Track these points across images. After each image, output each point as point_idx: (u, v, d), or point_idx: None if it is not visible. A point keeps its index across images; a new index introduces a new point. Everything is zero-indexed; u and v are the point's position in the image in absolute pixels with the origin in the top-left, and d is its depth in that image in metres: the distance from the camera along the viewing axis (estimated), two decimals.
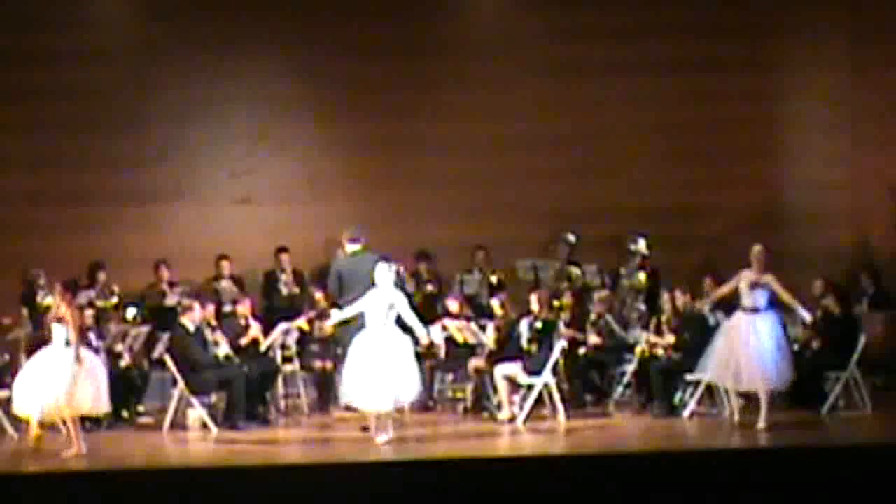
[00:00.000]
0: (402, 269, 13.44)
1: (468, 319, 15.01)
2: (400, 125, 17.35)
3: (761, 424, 13.01)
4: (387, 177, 17.38)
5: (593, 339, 15.01)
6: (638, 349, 14.61)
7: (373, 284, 13.16)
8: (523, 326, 14.31)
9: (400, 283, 13.51)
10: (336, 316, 13.53)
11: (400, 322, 13.13)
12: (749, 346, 13.11)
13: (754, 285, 13.20)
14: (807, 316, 13.49)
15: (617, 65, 17.43)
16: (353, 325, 13.32)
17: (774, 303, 13.33)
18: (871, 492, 10.92)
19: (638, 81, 17.45)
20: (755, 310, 13.22)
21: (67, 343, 12.52)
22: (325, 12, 17.27)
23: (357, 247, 14.29)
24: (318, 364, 15.20)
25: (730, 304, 13.86)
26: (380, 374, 12.75)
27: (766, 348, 13.09)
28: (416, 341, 15.11)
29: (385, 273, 13.13)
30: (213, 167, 17.46)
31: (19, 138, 17.02)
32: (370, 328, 13.03)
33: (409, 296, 16.08)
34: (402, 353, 12.94)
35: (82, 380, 12.52)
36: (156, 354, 14.53)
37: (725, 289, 13.55)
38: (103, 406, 12.87)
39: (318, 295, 15.54)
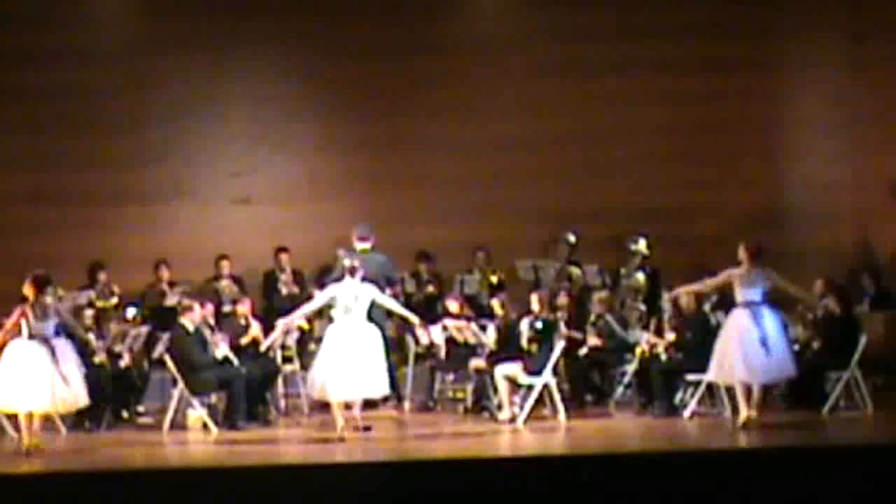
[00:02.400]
0: (353, 264, 13.30)
1: (468, 320, 14.99)
2: (400, 125, 17.36)
3: (742, 418, 13.03)
4: (387, 177, 17.38)
5: (593, 339, 14.99)
6: (638, 349, 14.59)
7: (375, 282, 13.22)
8: (524, 326, 14.30)
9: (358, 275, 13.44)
10: (298, 313, 13.67)
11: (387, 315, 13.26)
12: (736, 339, 13.08)
13: (750, 280, 13.18)
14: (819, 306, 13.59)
15: (617, 65, 17.42)
16: None
17: (769, 299, 13.32)
18: (871, 492, 10.92)
19: (638, 81, 17.44)
20: (749, 304, 13.20)
21: (30, 336, 12.57)
22: (326, 12, 17.28)
23: (365, 245, 14.36)
24: None
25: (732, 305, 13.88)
26: (342, 364, 12.80)
27: (753, 341, 13.04)
28: (415, 340, 15.19)
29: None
30: (213, 167, 17.46)
31: (19, 138, 17.03)
32: (336, 321, 13.08)
33: (407, 297, 16.15)
34: (367, 347, 12.95)
35: (68, 374, 12.56)
36: (156, 354, 14.51)
37: (703, 285, 13.60)
38: (82, 400, 12.86)
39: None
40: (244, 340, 14.63)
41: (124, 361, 14.48)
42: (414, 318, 13.80)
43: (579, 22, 17.36)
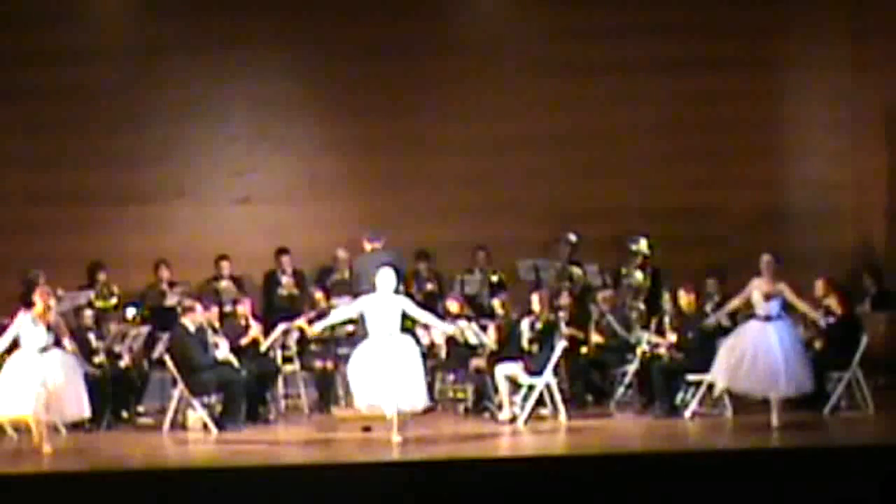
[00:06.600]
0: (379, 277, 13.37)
1: (469, 319, 14.99)
2: (400, 125, 17.34)
3: (775, 423, 13.05)
4: (387, 177, 17.37)
5: (595, 338, 14.99)
6: (639, 349, 14.58)
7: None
8: (524, 326, 14.30)
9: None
10: (321, 324, 13.57)
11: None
12: (767, 353, 13.08)
13: (768, 295, 13.22)
14: (822, 321, 13.62)
15: (617, 65, 17.40)
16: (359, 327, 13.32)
17: (785, 308, 13.36)
18: (872, 492, 10.91)
19: (638, 81, 17.42)
20: (768, 318, 13.23)
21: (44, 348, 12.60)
22: (326, 12, 17.26)
23: (377, 244, 14.37)
24: (318, 364, 15.20)
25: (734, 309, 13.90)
26: (394, 377, 12.69)
27: (783, 355, 13.07)
28: (416, 340, 15.15)
29: (389, 278, 13.09)
30: (213, 167, 17.45)
31: (19, 138, 17.02)
32: (375, 336, 12.94)
33: (409, 296, 16.13)
34: (413, 359, 12.93)
35: (65, 383, 12.56)
36: (156, 354, 14.52)
37: (738, 301, 13.62)
38: (84, 410, 12.87)
39: (318, 295, 15.57)
40: (244, 340, 14.64)
41: (124, 361, 14.50)
42: (447, 327, 14.03)
43: (579, 22, 17.33)
